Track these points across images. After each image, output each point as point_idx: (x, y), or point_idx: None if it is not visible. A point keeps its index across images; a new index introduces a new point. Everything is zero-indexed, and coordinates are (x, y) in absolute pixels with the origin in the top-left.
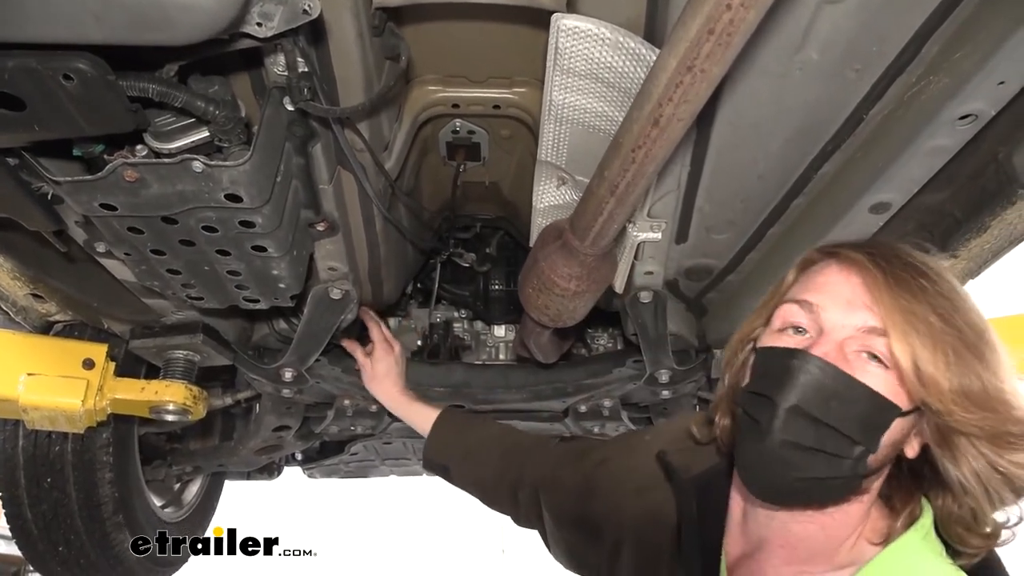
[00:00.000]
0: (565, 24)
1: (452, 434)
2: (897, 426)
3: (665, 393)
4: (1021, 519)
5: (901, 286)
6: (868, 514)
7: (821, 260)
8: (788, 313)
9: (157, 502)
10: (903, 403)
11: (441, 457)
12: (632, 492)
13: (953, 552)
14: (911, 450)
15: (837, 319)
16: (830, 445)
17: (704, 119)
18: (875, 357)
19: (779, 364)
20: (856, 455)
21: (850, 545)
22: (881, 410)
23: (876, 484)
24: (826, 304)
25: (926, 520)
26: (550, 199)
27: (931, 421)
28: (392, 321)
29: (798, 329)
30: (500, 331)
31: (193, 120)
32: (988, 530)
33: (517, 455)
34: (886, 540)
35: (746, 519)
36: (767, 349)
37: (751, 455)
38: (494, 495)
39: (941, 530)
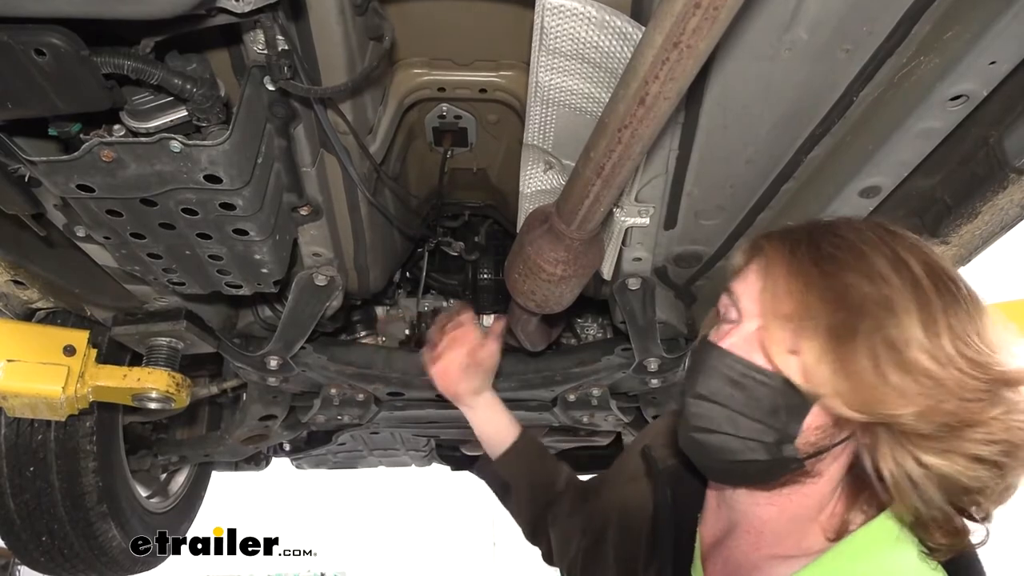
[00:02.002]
0: (551, 3)
1: (530, 461)
2: (821, 410)
3: (654, 382)
4: (987, 516)
5: (797, 273)
6: (832, 499)
7: (750, 247)
8: (721, 302)
9: (143, 492)
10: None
11: (509, 476)
12: (620, 484)
13: (929, 548)
14: None
15: (749, 308)
16: (743, 430)
17: (692, 101)
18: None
19: (693, 355)
20: (772, 440)
21: (816, 531)
22: (788, 395)
23: (834, 466)
24: (740, 293)
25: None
26: (537, 184)
27: None
28: (379, 310)
29: (730, 319)
30: (489, 321)
31: (171, 99)
32: (951, 526)
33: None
34: (838, 534)
35: (719, 505)
36: (698, 340)
37: (681, 441)
38: (540, 535)
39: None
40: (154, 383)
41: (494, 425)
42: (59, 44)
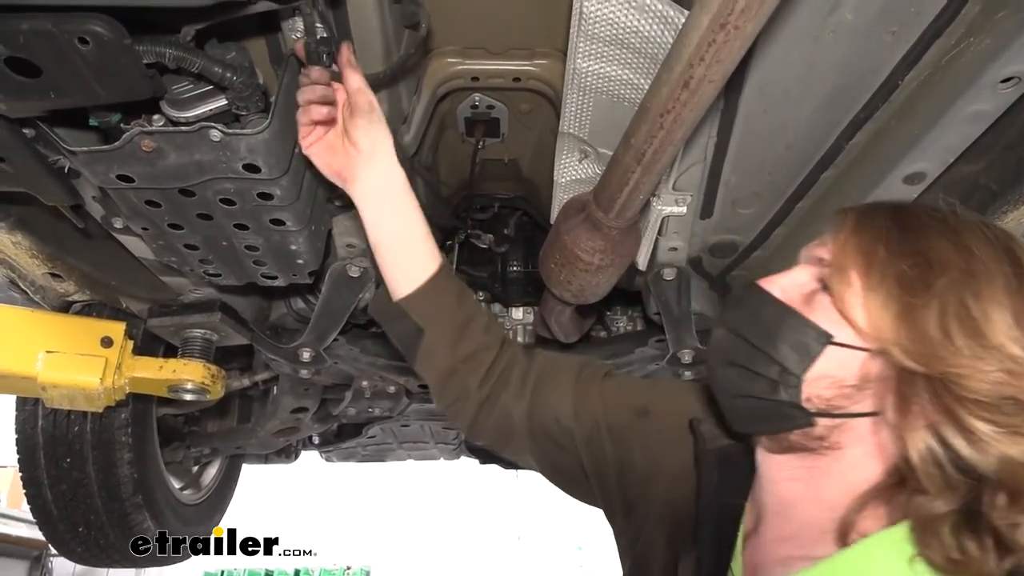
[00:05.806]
0: None
1: (448, 301)
2: (835, 357)
3: (688, 374)
4: None
5: (871, 227)
6: (854, 494)
7: (833, 216)
8: None
9: (176, 484)
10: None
11: (423, 318)
12: (658, 448)
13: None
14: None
15: (803, 256)
16: (756, 363)
17: (732, 86)
18: (825, 287)
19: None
20: (775, 374)
21: (841, 522)
22: (805, 332)
23: (858, 451)
24: (809, 249)
25: None
26: (572, 173)
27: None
28: None
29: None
30: (518, 314)
31: (210, 88)
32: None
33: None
34: (843, 535)
35: (758, 487)
36: None
37: (707, 375)
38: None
39: None
40: (190, 374)
41: (401, 230)
42: (103, 32)
